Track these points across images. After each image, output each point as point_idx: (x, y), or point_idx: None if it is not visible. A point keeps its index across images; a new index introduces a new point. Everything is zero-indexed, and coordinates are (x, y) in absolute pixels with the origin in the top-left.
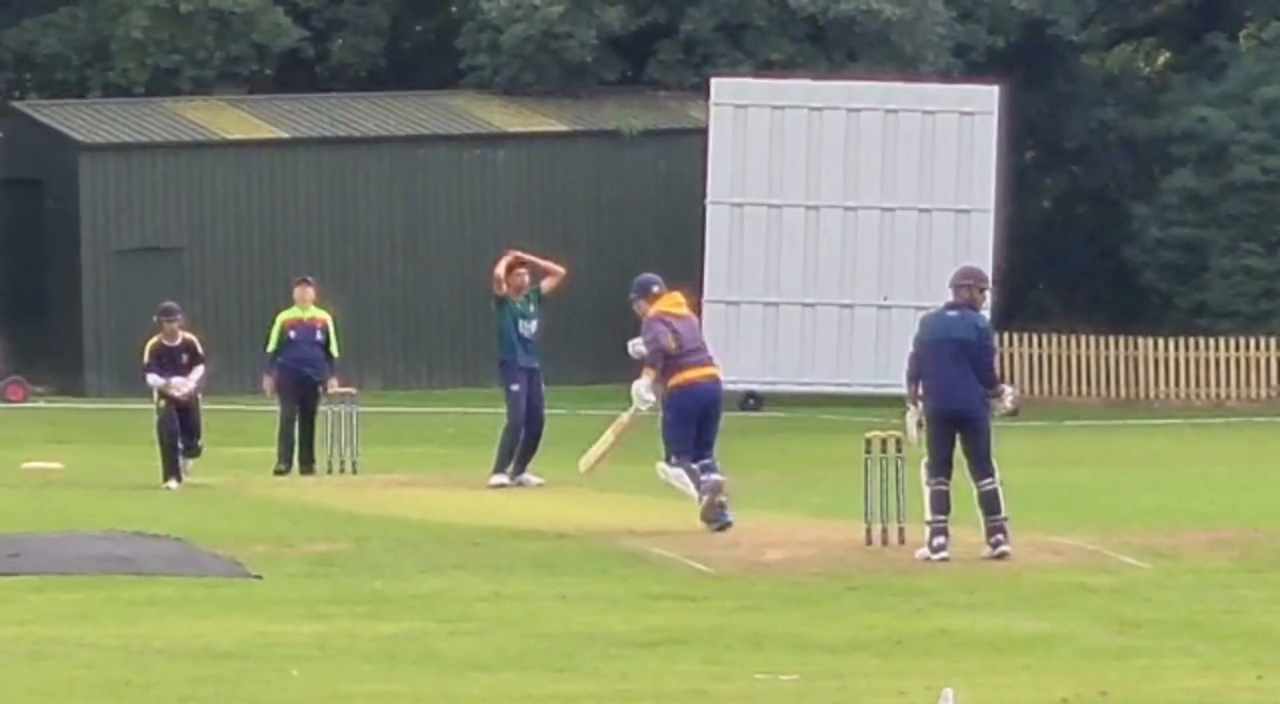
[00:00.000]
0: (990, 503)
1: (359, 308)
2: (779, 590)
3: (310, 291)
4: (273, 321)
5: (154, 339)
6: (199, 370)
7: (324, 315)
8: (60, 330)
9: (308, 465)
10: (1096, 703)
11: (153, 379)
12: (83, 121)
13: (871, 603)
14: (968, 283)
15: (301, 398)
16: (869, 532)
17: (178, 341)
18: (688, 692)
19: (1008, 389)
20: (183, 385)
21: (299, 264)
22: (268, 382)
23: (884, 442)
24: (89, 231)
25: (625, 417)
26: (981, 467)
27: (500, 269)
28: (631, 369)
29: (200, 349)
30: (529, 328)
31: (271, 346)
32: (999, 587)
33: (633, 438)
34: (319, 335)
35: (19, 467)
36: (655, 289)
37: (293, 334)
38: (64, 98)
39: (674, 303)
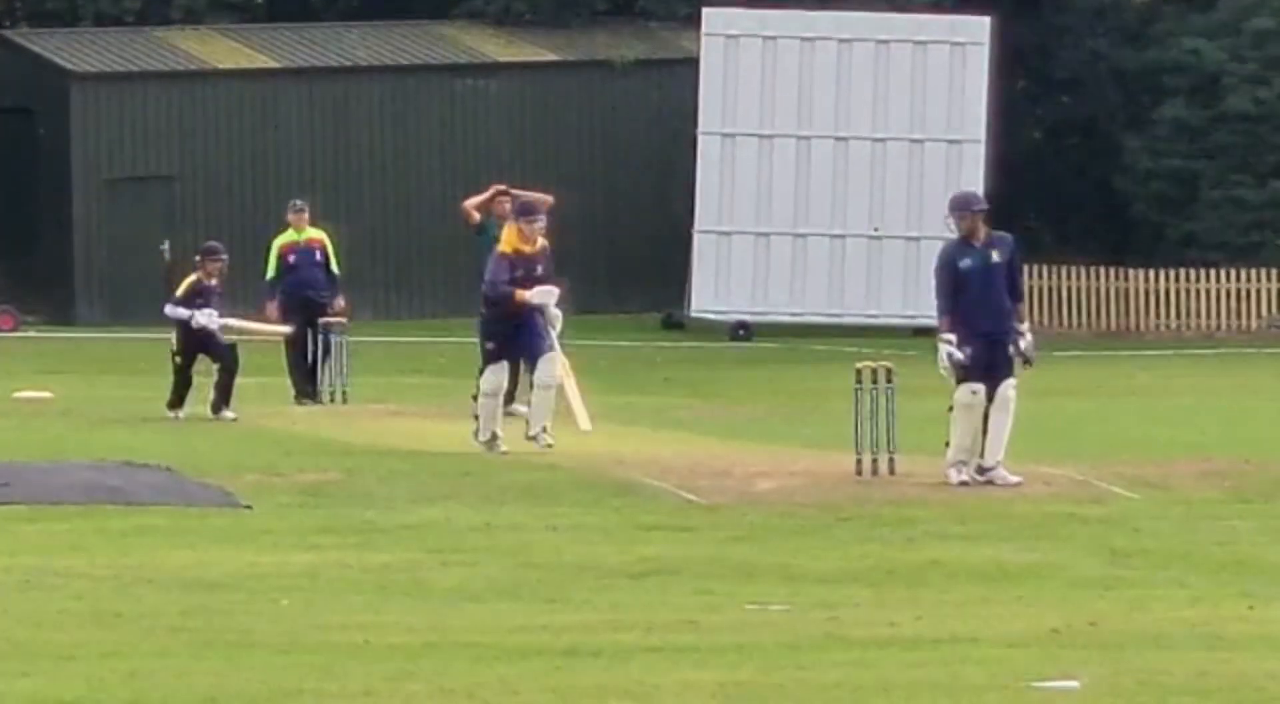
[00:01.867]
0: (1007, 406)
1: (350, 238)
2: (770, 521)
3: (305, 215)
4: (268, 248)
5: (193, 277)
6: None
7: (321, 235)
8: (51, 260)
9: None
10: (1086, 633)
11: (170, 309)
12: (74, 50)
13: (862, 534)
14: (976, 210)
15: (309, 320)
16: (860, 463)
17: (213, 282)
18: (679, 622)
19: (1028, 333)
20: (211, 317)
21: (290, 194)
22: (271, 309)
23: (874, 372)
24: (80, 161)
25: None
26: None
27: (474, 200)
28: (620, 300)
29: None
30: None
31: (270, 273)
32: (990, 517)
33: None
34: (319, 255)
35: (10, 396)
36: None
37: (291, 258)
38: (55, 27)
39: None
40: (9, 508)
